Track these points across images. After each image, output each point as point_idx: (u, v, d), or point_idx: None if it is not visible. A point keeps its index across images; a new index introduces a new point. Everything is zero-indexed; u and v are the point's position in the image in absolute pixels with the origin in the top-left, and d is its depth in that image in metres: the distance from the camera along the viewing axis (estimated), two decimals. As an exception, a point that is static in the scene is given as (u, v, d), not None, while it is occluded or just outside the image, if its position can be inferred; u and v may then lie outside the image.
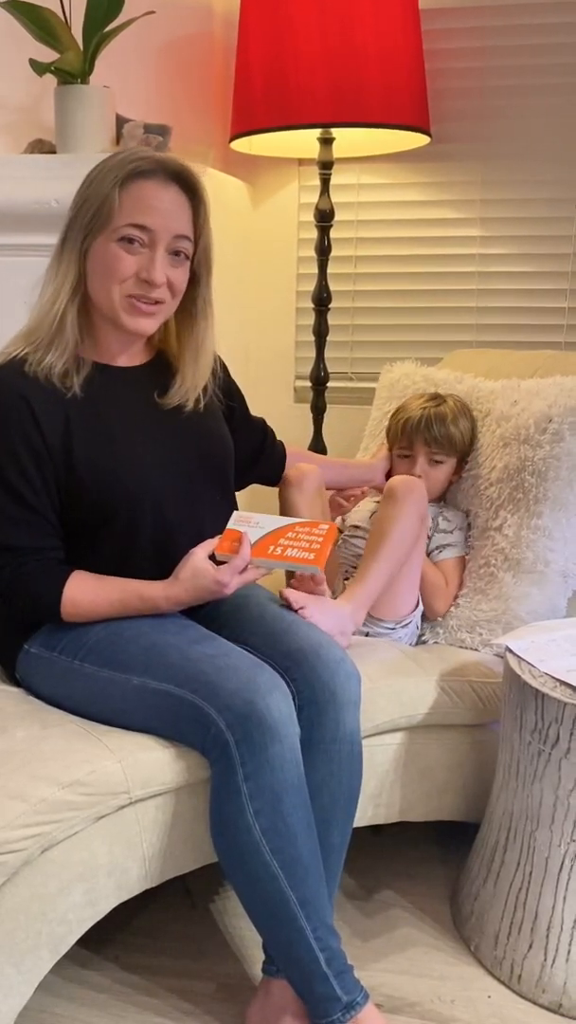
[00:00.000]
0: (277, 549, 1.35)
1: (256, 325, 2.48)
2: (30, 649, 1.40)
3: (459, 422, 1.80)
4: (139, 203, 1.30)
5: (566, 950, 1.37)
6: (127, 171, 1.30)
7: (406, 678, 1.55)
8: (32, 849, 1.17)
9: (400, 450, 1.84)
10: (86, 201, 1.32)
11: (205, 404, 1.49)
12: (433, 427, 1.78)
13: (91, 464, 1.34)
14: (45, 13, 1.76)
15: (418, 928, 1.56)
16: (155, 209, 1.31)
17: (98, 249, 1.32)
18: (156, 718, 1.29)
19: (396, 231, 2.36)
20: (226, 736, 1.22)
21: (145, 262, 1.32)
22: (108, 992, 1.42)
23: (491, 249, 2.31)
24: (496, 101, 2.22)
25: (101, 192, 1.30)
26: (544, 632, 1.54)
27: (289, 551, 1.35)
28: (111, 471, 1.35)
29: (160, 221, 1.31)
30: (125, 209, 1.30)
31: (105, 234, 1.31)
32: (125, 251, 1.32)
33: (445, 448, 1.79)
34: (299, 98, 1.95)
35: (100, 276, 1.33)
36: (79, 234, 1.33)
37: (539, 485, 1.69)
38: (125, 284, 1.33)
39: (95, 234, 1.32)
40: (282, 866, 1.21)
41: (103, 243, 1.32)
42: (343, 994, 1.22)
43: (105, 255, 1.32)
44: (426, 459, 1.80)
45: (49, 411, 1.33)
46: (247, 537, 1.35)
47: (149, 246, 1.32)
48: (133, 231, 1.31)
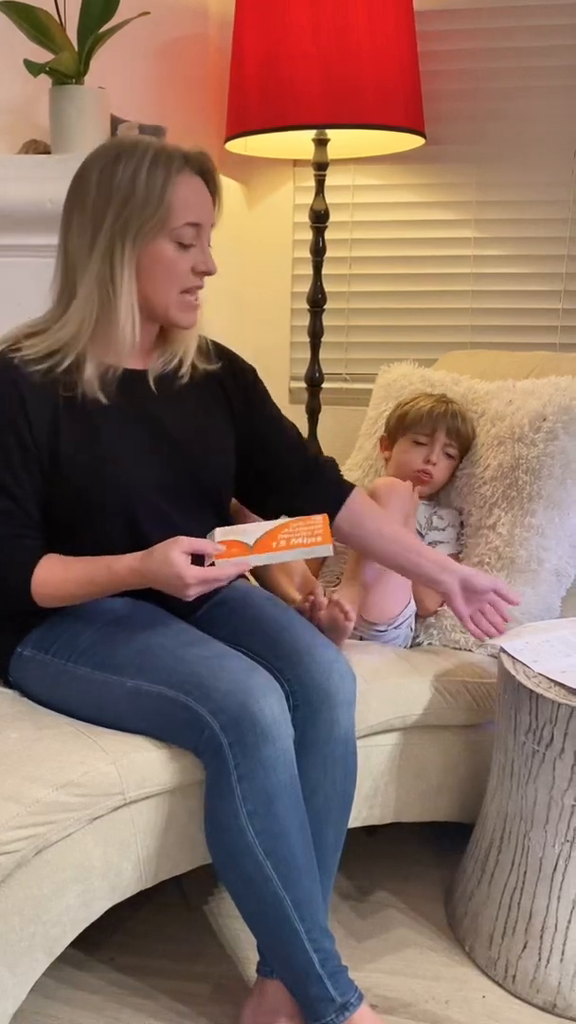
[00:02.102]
0: (281, 542, 1.30)
1: (251, 326, 2.48)
2: (23, 652, 1.40)
3: (468, 423, 1.84)
4: (188, 200, 1.29)
5: (560, 950, 1.37)
6: (170, 171, 1.27)
7: (400, 679, 1.55)
8: (26, 851, 1.17)
9: (419, 436, 1.82)
10: (131, 205, 1.27)
11: (211, 408, 1.45)
12: (457, 418, 1.82)
13: (74, 464, 1.32)
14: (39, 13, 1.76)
15: (412, 929, 1.56)
16: (200, 204, 1.32)
17: (156, 251, 1.29)
18: (150, 720, 1.29)
19: (391, 232, 2.37)
20: (220, 738, 1.22)
21: (198, 255, 1.33)
22: (103, 994, 1.42)
23: (486, 250, 2.32)
24: (491, 103, 2.23)
25: (154, 193, 1.26)
26: (539, 633, 1.54)
27: (294, 540, 1.30)
28: (92, 475, 1.32)
29: (205, 214, 1.33)
30: (178, 210, 1.28)
31: (162, 236, 1.29)
32: (180, 250, 1.31)
33: (461, 440, 1.82)
34: (294, 99, 1.96)
35: (159, 278, 1.31)
36: (131, 240, 1.28)
37: (533, 483, 1.69)
38: (183, 281, 1.33)
39: (153, 235, 1.28)
40: (276, 867, 1.21)
41: (160, 245, 1.29)
42: (337, 995, 1.22)
43: (164, 256, 1.30)
44: (442, 449, 1.82)
45: (39, 404, 1.31)
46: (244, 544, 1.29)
47: (197, 239, 1.32)
48: (188, 230, 1.30)
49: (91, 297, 1.29)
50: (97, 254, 1.28)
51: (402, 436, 1.85)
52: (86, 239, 1.29)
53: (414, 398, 1.88)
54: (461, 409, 1.84)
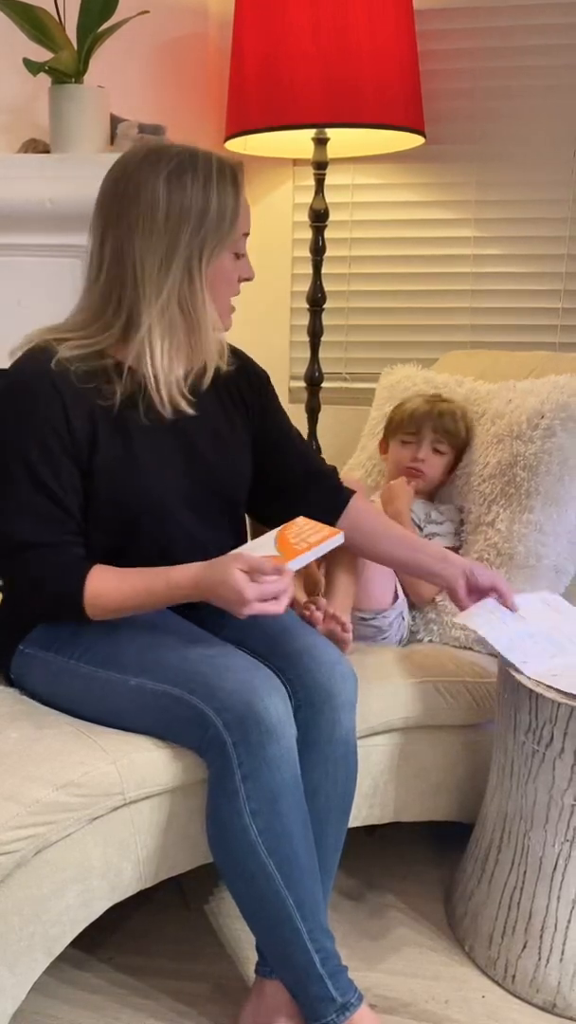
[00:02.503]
0: (300, 544, 1.30)
1: (250, 325, 2.46)
2: (24, 649, 1.40)
3: (460, 422, 1.86)
4: (240, 211, 1.31)
5: (560, 950, 1.37)
6: (233, 183, 1.29)
7: (401, 679, 1.55)
8: (26, 851, 1.17)
9: (405, 436, 1.87)
10: (206, 217, 1.26)
11: (230, 419, 1.45)
12: (444, 417, 1.84)
13: (110, 473, 1.30)
14: (39, 12, 1.76)
15: (412, 928, 1.56)
16: (247, 214, 1.34)
17: (220, 265, 1.31)
18: (153, 718, 1.29)
19: (390, 231, 2.36)
20: (224, 736, 1.22)
21: (245, 264, 1.36)
22: (102, 993, 1.42)
23: (485, 250, 2.32)
24: (491, 102, 2.23)
25: (226, 209, 1.27)
26: (519, 622, 1.49)
27: (310, 539, 1.31)
28: (126, 485, 1.31)
29: (249, 223, 1.35)
30: (241, 220, 1.31)
31: (228, 248, 1.31)
32: (236, 260, 1.34)
33: (450, 438, 1.84)
34: (294, 98, 1.95)
35: (219, 288, 1.33)
36: (206, 259, 1.28)
37: (531, 480, 1.70)
38: (235, 289, 1.36)
39: (223, 248, 1.30)
40: (278, 867, 1.21)
41: (224, 258, 1.31)
42: (337, 995, 1.22)
43: (225, 267, 1.32)
44: (429, 445, 1.84)
45: (79, 411, 1.28)
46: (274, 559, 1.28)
47: (244, 248, 1.36)
48: (243, 241, 1.34)
49: (174, 315, 1.28)
50: (175, 272, 1.27)
51: (392, 438, 1.91)
52: (158, 257, 1.26)
53: (406, 400, 1.92)
54: (453, 407, 1.86)
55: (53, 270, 1.78)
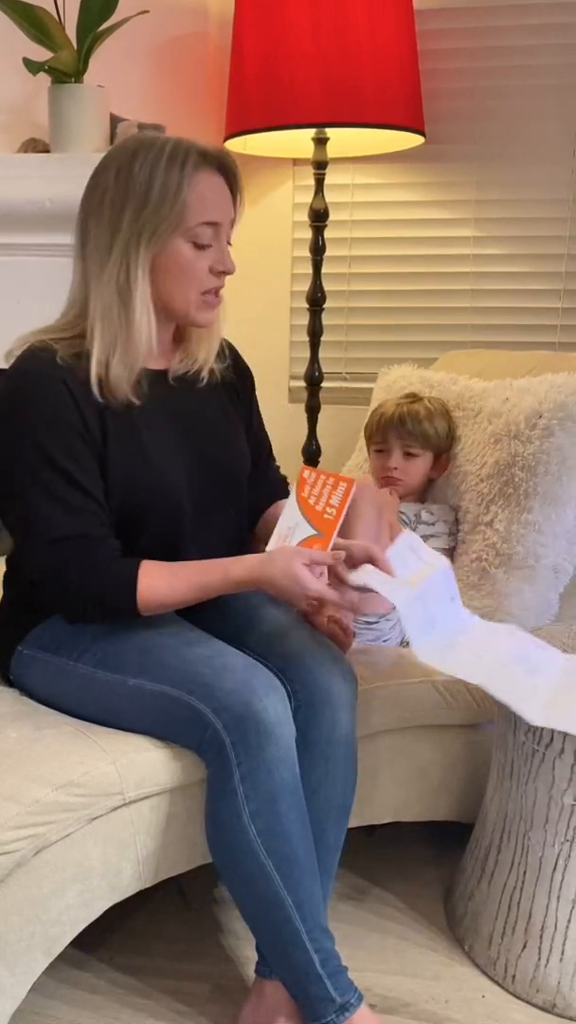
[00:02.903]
0: (328, 511, 1.31)
1: (250, 325, 2.47)
2: (24, 650, 1.40)
3: (433, 420, 1.86)
4: (205, 200, 1.26)
5: (560, 950, 1.37)
6: (188, 170, 1.25)
7: (401, 679, 1.55)
8: (25, 850, 1.17)
9: (376, 445, 1.90)
10: (149, 203, 1.24)
11: (229, 408, 1.46)
12: (406, 422, 1.84)
13: (122, 468, 1.30)
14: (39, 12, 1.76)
15: (412, 928, 1.56)
16: (217, 203, 1.29)
17: (172, 251, 1.27)
18: (152, 719, 1.29)
19: (390, 231, 2.36)
20: (223, 737, 1.22)
21: (216, 255, 1.30)
22: (102, 993, 1.42)
23: (485, 249, 2.32)
24: (490, 102, 2.23)
25: (169, 192, 1.24)
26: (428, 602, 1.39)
27: (331, 500, 1.31)
28: (136, 478, 1.31)
29: (222, 213, 1.30)
30: (194, 207, 1.25)
31: (178, 236, 1.26)
32: (198, 250, 1.28)
33: (418, 441, 1.84)
34: (293, 98, 1.95)
35: (177, 279, 1.29)
36: (148, 237, 1.25)
37: (529, 480, 1.70)
38: (202, 282, 1.31)
39: (167, 235, 1.26)
40: (277, 867, 1.21)
41: (176, 246, 1.27)
42: (337, 995, 1.22)
43: (181, 257, 1.27)
44: (400, 452, 1.85)
45: (87, 406, 1.28)
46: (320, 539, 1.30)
47: (215, 238, 1.30)
48: (205, 228, 1.27)
49: (111, 300, 1.27)
50: (115, 256, 1.26)
51: (368, 447, 1.93)
52: (104, 241, 1.26)
53: (379, 406, 1.92)
54: (418, 407, 1.85)
55: (53, 270, 1.76)
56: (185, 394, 1.40)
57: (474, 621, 1.45)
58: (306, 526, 1.31)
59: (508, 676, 1.34)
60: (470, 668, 1.33)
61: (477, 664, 1.34)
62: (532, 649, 1.43)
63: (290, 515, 1.32)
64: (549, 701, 1.30)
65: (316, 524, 1.31)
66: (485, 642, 1.41)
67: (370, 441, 1.92)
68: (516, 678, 1.34)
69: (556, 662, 1.40)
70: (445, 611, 1.40)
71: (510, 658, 1.39)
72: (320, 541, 1.29)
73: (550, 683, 1.34)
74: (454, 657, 1.35)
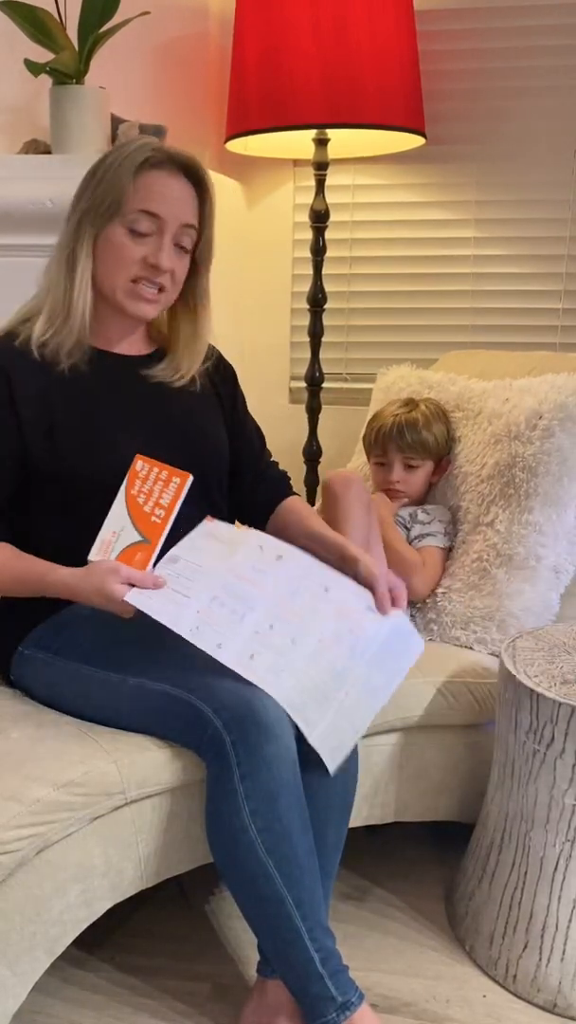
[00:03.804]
0: (156, 512, 1.27)
1: (251, 326, 2.48)
2: (24, 651, 1.40)
3: (432, 426, 1.84)
4: (150, 191, 1.34)
5: (561, 950, 1.37)
6: (140, 160, 1.33)
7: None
8: (27, 850, 1.17)
9: (375, 458, 1.89)
10: (99, 188, 1.35)
11: (204, 401, 1.49)
12: (405, 434, 1.82)
13: (71, 441, 1.36)
14: (40, 13, 1.76)
15: (413, 928, 1.56)
16: (164, 197, 1.35)
17: (108, 235, 1.36)
18: (152, 718, 1.29)
19: (391, 232, 2.36)
20: (223, 735, 1.22)
21: (153, 248, 1.37)
22: (104, 993, 1.42)
23: (486, 250, 2.32)
24: (491, 102, 2.23)
25: (114, 180, 1.34)
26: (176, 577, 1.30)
27: (162, 499, 1.27)
28: (90, 453, 1.36)
29: (169, 209, 1.36)
30: (137, 196, 1.34)
31: (116, 220, 1.35)
32: (134, 238, 1.36)
33: (419, 452, 1.83)
34: (294, 99, 1.96)
35: (109, 261, 1.37)
36: (92, 220, 1.35)
37: (530, 481, 1.70)
38: (131, 269, 1.37)
39: (107, 220, 1.35)
40: (277, 866, 1.21)
41: (113, 229, 1.35)
42: (338, 994, 1.22)
43: (114, 241, 1.36)
44: (401, 465, 1.84)
45: (29, 384, 1.35)
46: (144, 548, 1.26)
47: (157, 234, 1.36)
48: (143, 217, 1.35)
49: (60, 274, 1.37)
50: (68, 234, 1.37)
51: (368, 456, 1.91)
52: (66, 224, 1.38)
53: (376, 416, 1.91)
54: (416, 416, 1.83)
55: (54, 270, 1.78)
56: (157, 386, 1.45)
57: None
58: (132, 531, 1.28)
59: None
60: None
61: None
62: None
63: (116, 517, 1.29)
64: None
65: (142, 529, 1.27)
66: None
67: (369, 452, 1.91)
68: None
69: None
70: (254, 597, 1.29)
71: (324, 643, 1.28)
72: (144, 549, 1.26)
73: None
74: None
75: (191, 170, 1.38)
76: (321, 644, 1.27)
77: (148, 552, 1.27)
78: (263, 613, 1.27)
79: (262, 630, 1.26)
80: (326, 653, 1.26)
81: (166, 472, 1.29)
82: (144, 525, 1.28)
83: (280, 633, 1.26)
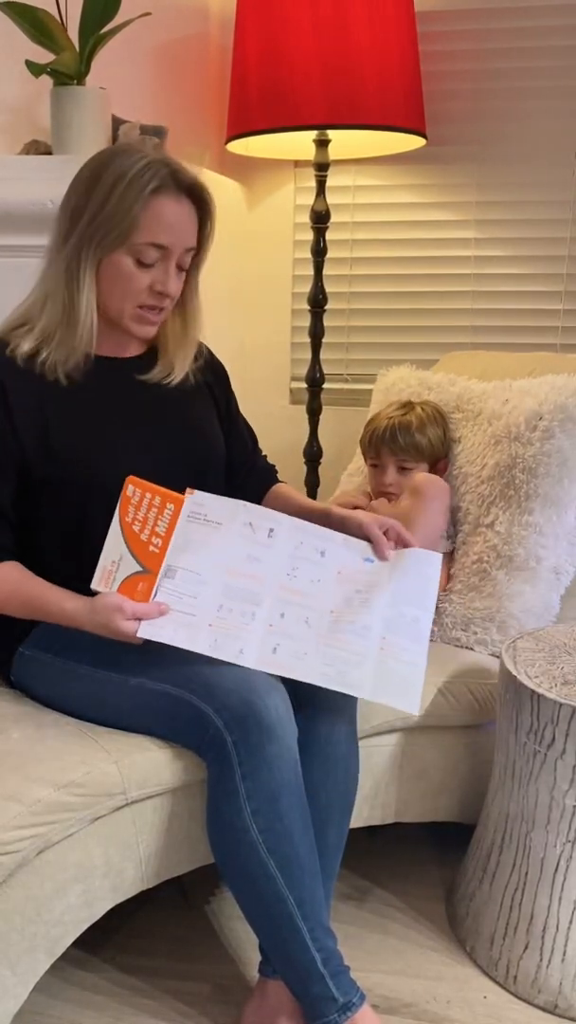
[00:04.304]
0: (154, 540, 1.26)
1: (251, 326, 2.48)
2: (24, 651, 1.40)
3: (427, 430, 1.83)
4: (158, 222, 1.32)
5: (562, 951, 1.37)
6: (151, 189, 1.30)
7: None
8: (28, 851, 1.17)
9: (370, 460, 1.88)
10: (104, 209, 1.30)
11: (198, 398, 1.49)
12: (398, 437, 1.82)
13: (69, 448, 1.35)
14: (41, 14, 1.76)
15: (414, 929, 1.56)
16: (172, 227, 1.33)
17: (115, 262, 1.33)
18: (153, 718, 1.29)
19: (392, 233, 2.37)
20: (224, 736, 1.22)
21: (160, 275, 1.35)
22: (104, 993, 1.42)
23: (486, 251, 2.32)
24: (492, 103, 2.23)
25: (123, 208, 1.30)
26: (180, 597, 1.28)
27: (157, 527, 1.26)
28: (87, 459, 1.36)
29: (175, 239, 1.34)
30: (146, 228, 1.31)
31: (123, 249, 1.32)
32: (140, 267, 1.34)
33: (412, 455, 1.82)
34: (295, 100, 1.96)
35: (115, 288, 1.35)
36: (98, 244, 1.32)
37: (530, 482, 1.70)
38: (139, 297, 1.36)
39: (114, 248, 1.32)
40: (279, 866, 1.21)
41: (120, 257, 1.33)
42: (339, 995, 1.22)
43: (121, 269, 1.34)
44: (395, 468, 1.83)
45: (24, 391, 1.35)
46: (141, 579, 1.26)
47: (162, 260, 1.35)
48: (151, 249, 1.33)
49: (60, 293, 1.35)
50: (66, 253, 1.34)
51: (364, 458, 1.91)
52: (64, 238, 1.35)
53: (373, 418, 1.90)
54: (410, 419, 1.82)
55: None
56: (152, 388, 1.45)
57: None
58: (131, 560, 1.27)
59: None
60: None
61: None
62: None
63: (113, 544, 1.27)
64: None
65: (141, 559, 1.27)
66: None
67: (365, 455, 1.91)
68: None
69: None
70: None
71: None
72: (146, 579, 1.26)
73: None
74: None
75: (196, 192, 1.36)
76: (334, 614, 1.30)
77: (150, 582, 1.26)
78: (271, 605, 1.28)
79: (275, 621, 1.27)
80: (343, 620, 1.29)
81: (159, 497, 1.27)
82: (143, 554, 1.27)
83: (292, 619, 1.28)
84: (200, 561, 1.29)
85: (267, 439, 1.70)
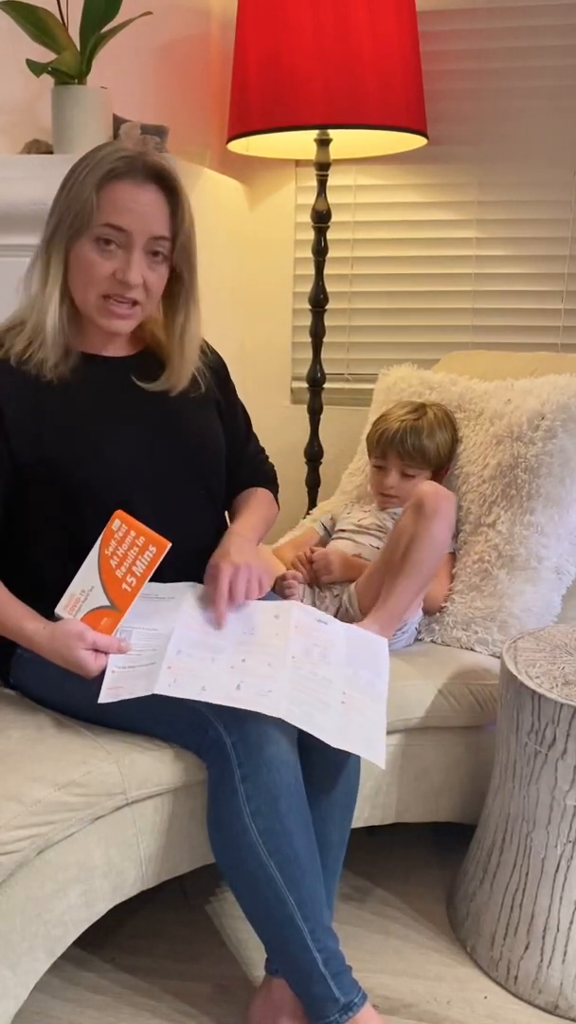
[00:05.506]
0: (128, 578, 1.25)
1: (252, 326, 2.48)
2: (23, 653, 1.40)
3: (436, 435, 1.82)
4: (115, 204, 1.30)
5: (562, 951, 1.37)
6: (104, 172, 1.30)
7: (403, 681, 1.54)
8: (28, 850, 1.17)
9: (375, 460, 1.87)
10: (68, 202, 1.32)
11: (196, 397, 1.49)
12: (407, 441, 1.80)
13: (62, 449, 1.35)
14: (42, 13, 1.76)
15: (414, 929, 1.56)
16: (131, 211, 1.31)
17: (78, 250, 1.33)
18: (152, 719, 1.29)
19: (393, 232, 2.37)
20: (224, 737, 1.22)
21: (121, 263, 1.33)
22: (105, 993, 1.42)
23: (487, 251, 2.32)
24: (493, 103, 2.23)
25: (80, 192, 1.30)
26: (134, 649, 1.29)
27: (135, 567, 1.25)
28: (79, 460, 1.35)
29: (136, 223, 1.31)
30: (102, 210, 1.30)
31: (84, 235, 1.32)
32: (101, 253, 1.32)
33: (417, 462, 1.81)
34: (296, 99, 1.96)
35: (79, 278, 1.35)
36: (63, 235, 1.33)
37: (532, 482, 1.70)
38: (100, 285, 1.34)
39: (77, 236, 1.32)
40: (279, 867, 1.21)
41: (82, 245, 1.32)
42: (340, 995, 1.22)
43: (83, 257, 1.33)
44: (398, 472, 1.82)
45: (15, 394, 1.34)
46: (107, 614, 1.26)
47: (125, 247, 1.33)
48: (109, 231, 1.31)
49: (37, 289, 1.36)
50: (43, 249, 1.35)
51: (369, 457, 1.90)
52: (43, 235, 1.36)
53: (382, 416, 1.89)
54: (421, 424, 1.81)
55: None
56: (149, 391, 1.44)
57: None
58: (101, 593, 1.26)
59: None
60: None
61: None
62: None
63: (87, 574, 1.27)
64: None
65: (112, 594, 1.26)
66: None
67: (370, 453, 1.89)
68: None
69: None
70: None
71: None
72: (111, 616, 1.25)
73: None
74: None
75: (161, 177, 1.33)
76: (296, 660, 1.28)
77: (115, 619, 1.26)
78: (231, 652, 1.28)
79: (236, 664, 1.26)
80: (304, 665, 1.28)
81: (143, 538, 1.26)
82: (114, 591, 1.26)
83: (254, 662, 1.26)
84: (156, 623, 1.30)
85: (268, 439, 1.69)
